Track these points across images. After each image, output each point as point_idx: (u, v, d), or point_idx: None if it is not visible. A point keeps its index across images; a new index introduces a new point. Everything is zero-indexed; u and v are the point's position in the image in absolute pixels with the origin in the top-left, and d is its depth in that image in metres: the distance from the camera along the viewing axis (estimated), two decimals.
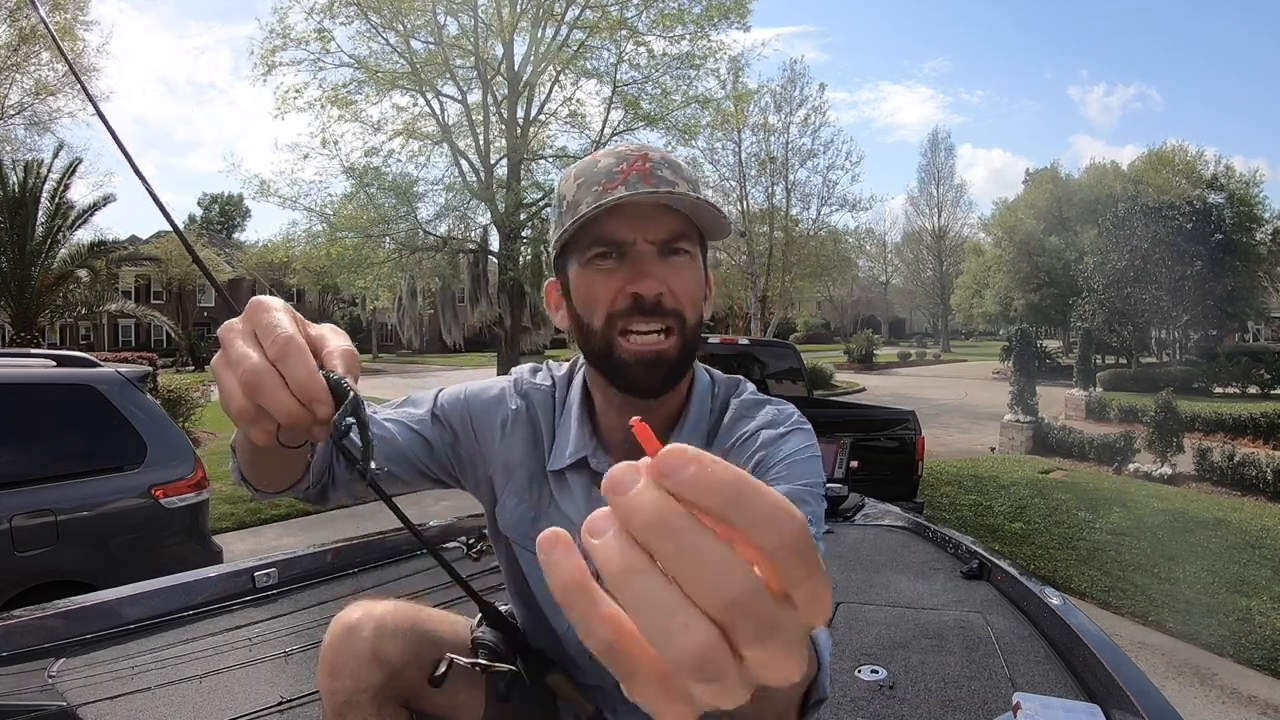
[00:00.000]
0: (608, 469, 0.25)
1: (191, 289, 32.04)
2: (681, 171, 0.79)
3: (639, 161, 0.76)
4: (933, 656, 1.77)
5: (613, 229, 0.75)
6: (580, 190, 0.77)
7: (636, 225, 0.75)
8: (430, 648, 0.84)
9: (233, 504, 6.28)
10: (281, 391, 0.48)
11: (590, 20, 10.51)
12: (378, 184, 10.81)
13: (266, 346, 0.49)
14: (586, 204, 0.76)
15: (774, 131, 18.68)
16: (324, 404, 0.49)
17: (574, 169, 0.81)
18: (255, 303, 0.52)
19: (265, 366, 0.48)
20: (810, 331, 48.28)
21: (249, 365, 0.48)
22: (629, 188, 0.74)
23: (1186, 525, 6.21)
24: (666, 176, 0.76)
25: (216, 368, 0.51)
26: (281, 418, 0.48)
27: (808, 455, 0.80)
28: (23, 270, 11.95)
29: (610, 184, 0.75)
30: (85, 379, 3.06)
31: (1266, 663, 3.75)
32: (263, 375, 0.48)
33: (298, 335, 0.50)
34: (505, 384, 0.92)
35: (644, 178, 0.75)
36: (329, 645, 0.84)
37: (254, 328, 0.50)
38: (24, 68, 14.75)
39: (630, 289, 0.76)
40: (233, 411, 0.50)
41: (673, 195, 0.73)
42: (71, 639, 1.60)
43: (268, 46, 10.19)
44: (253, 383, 0.48)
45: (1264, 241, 23.65)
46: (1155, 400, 8.74)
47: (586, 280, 0.78)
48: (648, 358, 0.76)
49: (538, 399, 0.90)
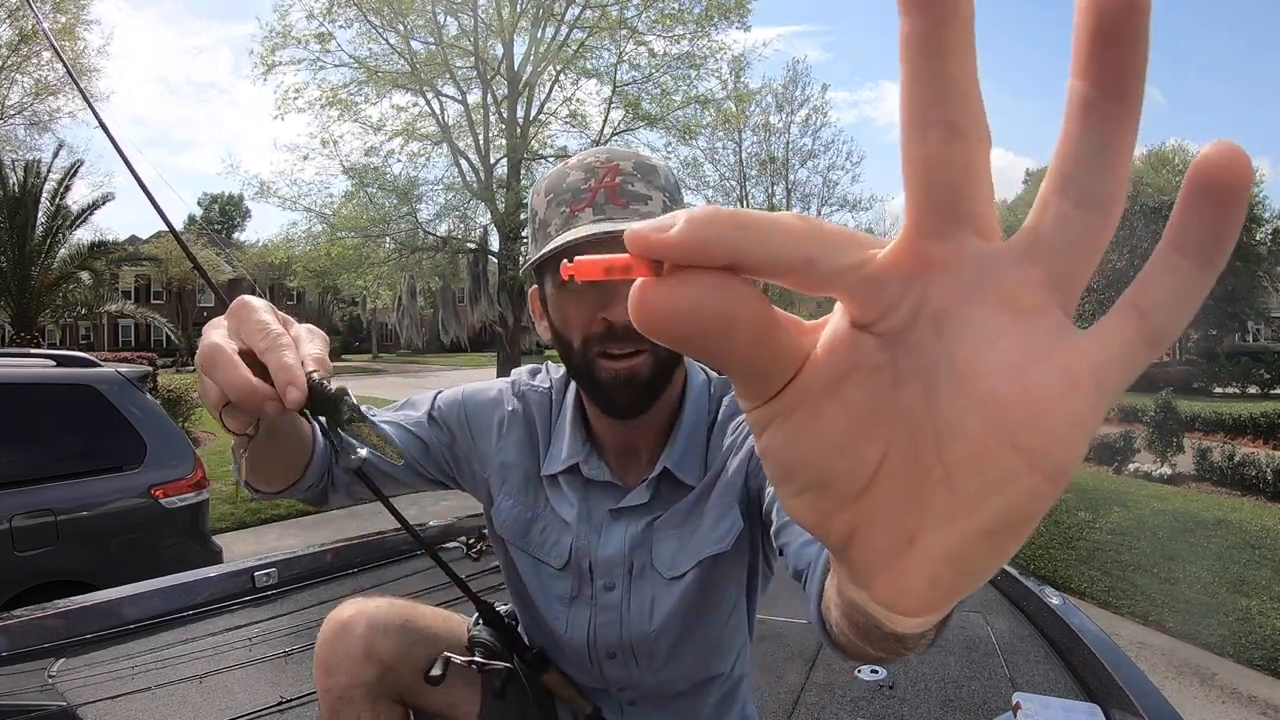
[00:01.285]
0: (599, 474, 0.25)
1: (191, 289, 32.04)
2: (656, 179, 0.77)
3: (607, 176, 0.75)
4: (933, 656, 1.77)
5: (583, 252, 0.75)
6: (549, 209, 0.76)
7: (605, 249, 0.73)
8: (424, 645, 0.85)
9: (233, 504, 6.29)
10: (233, 368, 0.49)
11: (590, 20, 10.51)
12: (378, 184, 10.81)
13: (254, 344, 0.51)
14: (555, 226, 0.75)
15: (775, 131, 18.70)
16: (298, 389, 0.49)
17: (544, 182, 0.80)
18: (239, 303, 0.53)
19: (222, 343, 0.51)
20: None
21: (208, 344, 0.51)
22: (596, 209, 0.73)
23: (1186, 525, 6.21)
24: (638, 191, 0.75)
25: (197, 361, 0.53)
26: (231, 392, 0.50)
27: None
28: (23, 270, 11.96)
29: (577, 205, 0.74)
30: (85, 379, 3.06)
31: (1266, 663, 3.75)
32: (217, 352, 0.50)
33: (284, 333, 0.52)
34: (503, 385, 0.93)
35: (612, 195, 0.74)
36: (323, 643, 0.85)
37: (235, 325, 0.52)
38: (24, 68, 14.75)
39: (602, 315, 0.75)
40: (207, 400, 0.53)
41: (622, 229, 0.70)
42: (71, 639, 1.60)
43: (268, 46, 10.20)
44: (209, 356, 0.50)
45: (1264, 241, 23.67)
46: (1155, 400, 8.73)
47: (561, 303, 0.78)
48: (621, 376, 0.76)
49: (535, 401, 0.91)
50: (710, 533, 0.81)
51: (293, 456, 0.70)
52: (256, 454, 0.66)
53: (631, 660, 0.86)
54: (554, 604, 0.88)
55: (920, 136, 0.17)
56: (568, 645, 0.88)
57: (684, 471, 0.83)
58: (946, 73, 0.16)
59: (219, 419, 0.55)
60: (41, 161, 12.76)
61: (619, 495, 0.85)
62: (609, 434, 0.85)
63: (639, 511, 0.84)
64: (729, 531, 0.80)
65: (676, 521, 0.83)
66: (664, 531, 0.83)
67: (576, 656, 0.88)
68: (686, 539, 0.82)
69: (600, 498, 0.86)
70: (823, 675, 1.73)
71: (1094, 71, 0.16)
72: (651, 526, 0.84)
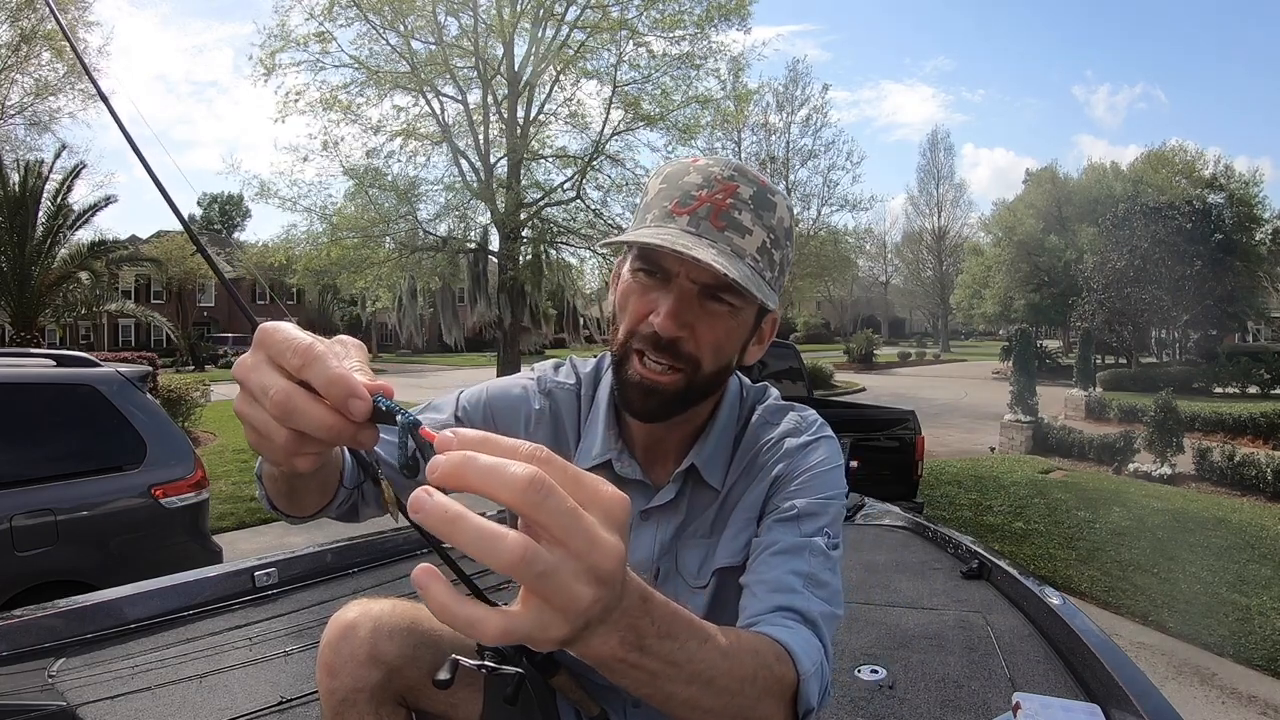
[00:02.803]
0: (631, 473, 0.28)
1: (191, 289, 32.04)
2: (769, 217, 0.74)
3: (720, 193, 0.72)
4: (933, 656, 1.77)
5: (661, 255, 0.72)
6: (658, 196, 0.75)
7: (685, 260, 0.70)
8: (429, 647, 0.84)
9: (233, 504, 6.29)
10: (315, 406, 0.43)
11: (590, 20, 10.50)
12: (378, 184, 10.81)
13: (287, 362, 0.44)
14: (652, 216, 0.74)
15: (775, 131, 18.72)
16: (360, 398, 0.43)
17: (666, 168, 0.78)
18: (263, 330, 0.46)
19: (292, 385, 0.44)
20: (810, 331, 48.28)
21: (276, 388, 0.43)
22: (693, 222, 0.72)
23: (1186, 525, 6.21)
24: (742, 221, 0.72)
25: (241, 411, 0.46)
26: (323, 434, 0.44)
27: (830, 467, 0.81)
28: (23, 270, 11.95)
29: (680, 208, 0.72)
30: (85, 379, 3.06)
31: (1266, 663, 3.75)
32: (293, 394, 0.43)
33: (316, 342, 0.45)
34: (528, 381, 0.91)
35: (715, 215, 0.72)
36: (326, 644, 0.84)
37: (267, 354, 0.45)
38: (24, 68, 14.75)
39: (654, 320, 0.73)
40: (275, 448, 0.45)
41: (699, 255, 0.67)
42: (71, 639, 1.60)
43: (268, 49, 10.19)
44: (284, 404, 0.43)
45: (1264, 241, 23.65)
46: (1155, 400, 8.73)
47: (626, 287, 0.77)
48: (647, 383, 0.75)
49: (562, 398, 0.90)
50: (729, 544, 0.81)
51: (328, 476, 0.67)
52: (297, 483, 0.64)
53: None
54: None
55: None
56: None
57: (710, 473, 0.83)
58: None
59: (288, 465, 0.48)
60: (42, 161, 12.76)
61: (649, 495, 0.84)
62: (640, 430, 0.85)
63: (668, 513, 0.84)
64: (745, 545, 0.80)
65: (703, 532, 0.83)
66: (691, 540, 0.83)
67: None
68: (710, 550, 0.82)
69: (631, 497, 0.85)
70: None
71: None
72: (679, 535, 0.84)
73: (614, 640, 0.42)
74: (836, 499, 0.79)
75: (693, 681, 0.50)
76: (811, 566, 0.73)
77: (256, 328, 0.46)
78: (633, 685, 0.47)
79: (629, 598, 0.42)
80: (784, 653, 0.62)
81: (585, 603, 0.36)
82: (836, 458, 0.83)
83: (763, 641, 0.62)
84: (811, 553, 0.74)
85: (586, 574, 0.36)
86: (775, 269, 0.76)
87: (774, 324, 0.84)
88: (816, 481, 0.79)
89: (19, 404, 2.93)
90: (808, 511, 0.77)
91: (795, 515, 0.77)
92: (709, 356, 0.75)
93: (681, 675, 0.48)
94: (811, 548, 0.74)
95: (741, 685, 0.54)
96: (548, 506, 0.35)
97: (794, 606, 0.69)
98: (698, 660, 0.49)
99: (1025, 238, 32.40)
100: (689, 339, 0.74)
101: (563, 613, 0.36)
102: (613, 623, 0.41)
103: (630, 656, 0.44)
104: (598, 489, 0.38)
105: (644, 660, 0.45)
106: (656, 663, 0.46)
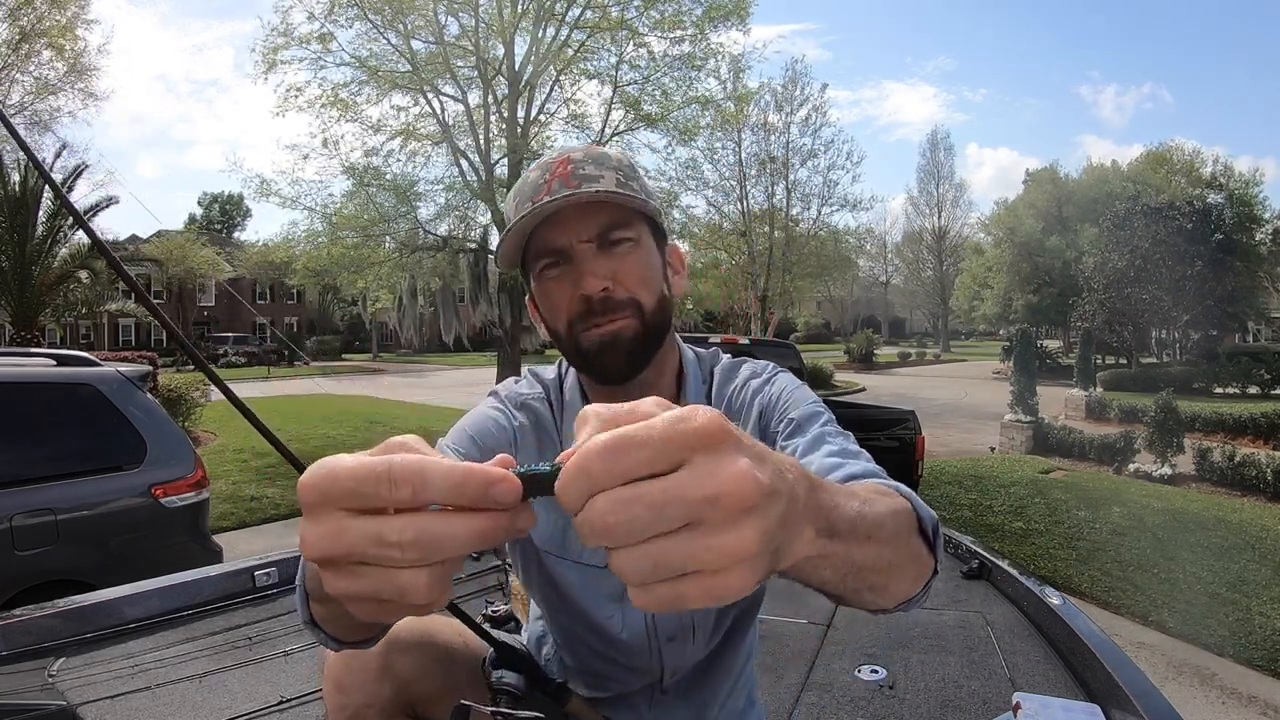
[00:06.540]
0: None
1: (191, 289, 32.03)
2: (608, 162, 0.80)
3: (560, 167, 0.79)
4: (933, 656, 1.77)
5: (549, 238, 0.78)
6: (516, 209, 0.80)
7: (568, 228, 0.77)
8: (441, 661, 0.83)
9: (233, 504, 6.29)
10: (455, 520, 0.33)
11: (591, 21, 10.50)
12: (378, 184, 10.80)
13: (383, 500, 0.32)
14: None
15: (775, 131, 18.71)
16: (501, 480, 0.34)
17: (514, 188, 0.83)
18: (317, 480, 0.33)
19: (416, 515, 0.33)
20: (810, 331, 48.31)
21: (397, 530, 0.32)
22: (551, 195, 0.76)
23: (1186, 525, 6.21)
24: (589, 173, 0.78)
25: (345, 590, 0.34)
26: (478, 545, 0.34)
27: (799, 386, 0.87)
28: (23, 269, 11.96)
29: (536, 197, 0.77)
30: (85, 378, 3.06)
31: (1266, 663, 3.75)
32: (424, 524, 0.32)
33: (393, 457, 0.33)
34: (496, 406, 0.89)
35: (565, 181, 0.77)
36: (336, 659, 0.80)
37: (341, 507, 0.33)
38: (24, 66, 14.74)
39: (576, 292, 0.78)
40: (417, 603, 0.34)
41: (575, 194, 0.75)
42: (71, 639, 1.60)
43: (269, 45, 10.19)
44: (420, 541, 0.32)
45: (1264, 241, 23.65)
46: (1155, 400, 8.73)
47: (544, 291, 0.82)
48: (607, 339, 0.79)
49: (536, 408, 0.90)
50: None
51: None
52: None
53: (690, 638, 0.89)
54: (605, 604, 0.87)
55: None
56: (624, 641, 0.88)
57: None
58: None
59: (423, 612, 0.35)
60: (44, 161, 12.76)
61: None
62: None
63: None
64: None
65: None
66: None
67: (633, 650, 0.88)
68: None
69: None
70: (823, 675, 1.73)
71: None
72: None
73: (809, 534, 0.39)
74: (820, 405, 0.83)
75: (869, 540, 0.46)
76: (839, 445, 0.75)
77: (299, 485, 0.34)
78: (831, 573, 0.44)
79: (800, 485, 0.38)
80: (881, 485, 0.60)
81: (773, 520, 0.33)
82: (799, 380, 0.88)
83: (862, 484, 0.58)
84: (830, 438, 0.76)
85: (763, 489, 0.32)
86: (642, 194, 0.80)
87: (680, 256, 0.90)
88: (796, 397, 0.84)
89: (19, 403, 2.93)
90: (805, 416, 0.80)
91: (797, 423, 0.80)
92: (642, 291, 0.80)
93: (858, 536, 0.45)
94: (828, 435, 0.77)
95: (895, 523, 0.52)
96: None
97: (850, 473, 0.68)
98: (869, 517, 0.47)
99: (1025, 238, 32.40)
100: (615, 286, 0.78)
101: (768, 538, 0.33)
102: (801, 519, 0.37)
103: (825, 547, 0.41)
104: (680, 422, 0.33)
105: (833, 546, 0.42)
106: (841, 543, 0.43)
